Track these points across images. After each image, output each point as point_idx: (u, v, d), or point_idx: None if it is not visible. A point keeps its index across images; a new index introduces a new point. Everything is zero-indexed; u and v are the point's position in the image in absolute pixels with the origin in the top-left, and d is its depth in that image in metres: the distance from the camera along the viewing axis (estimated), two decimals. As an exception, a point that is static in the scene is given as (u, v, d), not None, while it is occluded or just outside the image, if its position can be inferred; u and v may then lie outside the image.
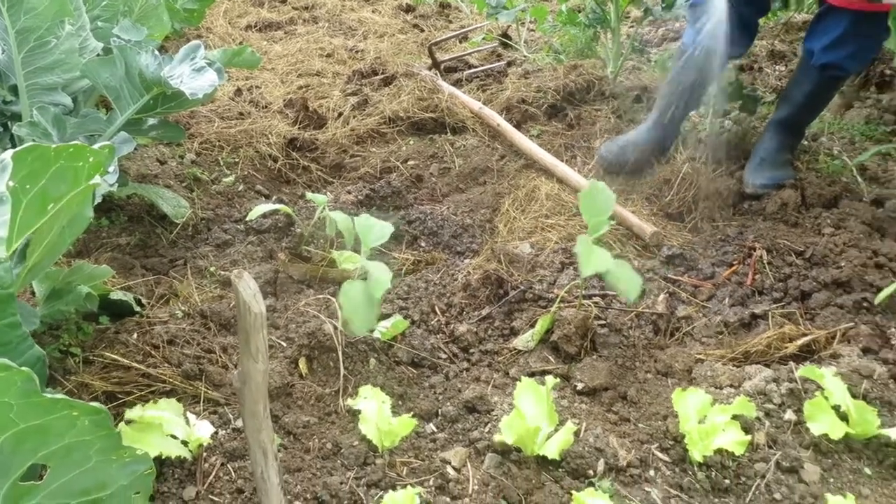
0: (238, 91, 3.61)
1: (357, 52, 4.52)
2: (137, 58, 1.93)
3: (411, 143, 3.22)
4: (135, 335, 1.72)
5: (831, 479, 1.40)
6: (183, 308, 1.89)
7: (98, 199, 1.72)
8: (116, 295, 1.82)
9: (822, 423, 1.42)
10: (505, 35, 4.73)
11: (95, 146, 1.14)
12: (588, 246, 1.69)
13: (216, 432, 1.47)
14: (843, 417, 1.45)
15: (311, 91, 3.70)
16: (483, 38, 4.67)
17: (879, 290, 1.86)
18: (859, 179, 2.60)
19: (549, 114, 3.40)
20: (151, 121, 2.18)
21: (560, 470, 1.42)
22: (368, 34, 5.02)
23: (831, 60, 2.35)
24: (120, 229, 2.28)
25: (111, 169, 1.73)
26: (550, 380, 1.51)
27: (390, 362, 1.76)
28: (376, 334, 1.78)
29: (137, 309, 1.84)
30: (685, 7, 3.24)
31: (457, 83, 3.88)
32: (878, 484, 1.40)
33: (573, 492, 1.32)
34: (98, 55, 2.09)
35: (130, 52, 1.92)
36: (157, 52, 1.96)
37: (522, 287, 1.98)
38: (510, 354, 1.81)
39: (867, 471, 1.42)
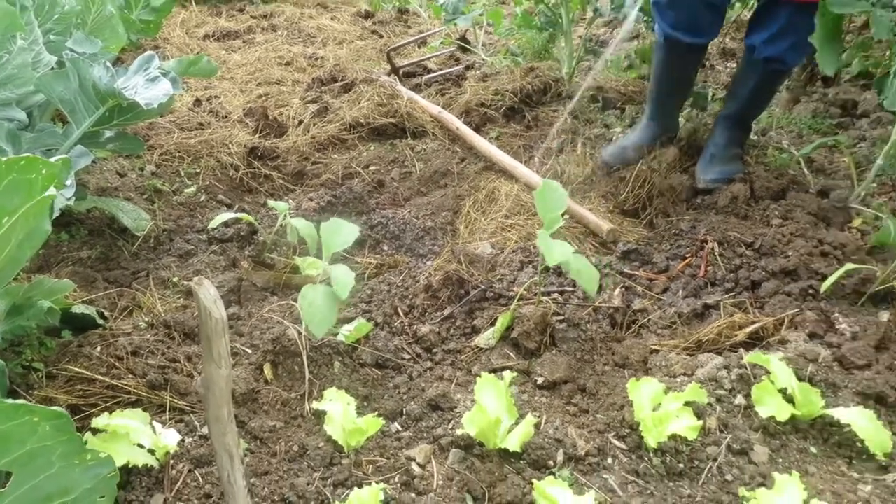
0: (197, 101, 3.60)
1: (316, 59, 4.54)
2: (91, 70, 1.93)
3: (372, 148, 3.26)
4: (98, 348, 1.73)
5: (779, 459, 1.46)
6: (146, 319, 1.90)
7: (56, 213, 1.72)
8: (78, 308, 1.82)
9: (770, 406, 1.48)
10: (463, 39, 4.78)
11: (51, 160, 1.15)
12: (549, 240, 1.74)
13: (182, 440, 1.49)
14: (790, 400, 1.52)
15: (270, 99, 3.71)
16: (441, 43, 4.72)
17: (825, 277, 1.94)
18: (806, 171, 2.69)
19: (507, 116, 3.46)
20: (108, 133, 2.18)
21: (521, 462, 1.46)
22: (327, 41, 5.04)
23: (773, 54, 2.43)
24: (80, 243, 2.27)
25: (69, 182, 1.74)
26: (508, 374, 1.55)
27: (355, 365, 1.78)
28: (340, 337, 1.81)
29: (100, 322, 1.85)
30: (631, 7, 3.34)
31: (416, 88, 3.92)
32: (823, 462, 1.46)
33: (534, 481, 1.36)
34: (52, 69, 2.08)
35: (83, 65, 1.93)
36: (109, 65, 1.96)
37: (483, 286, 2.02)
38: (472, 353, 1.85)
39: (813, 450, 1.49)
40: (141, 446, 1.40)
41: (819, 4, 2.12)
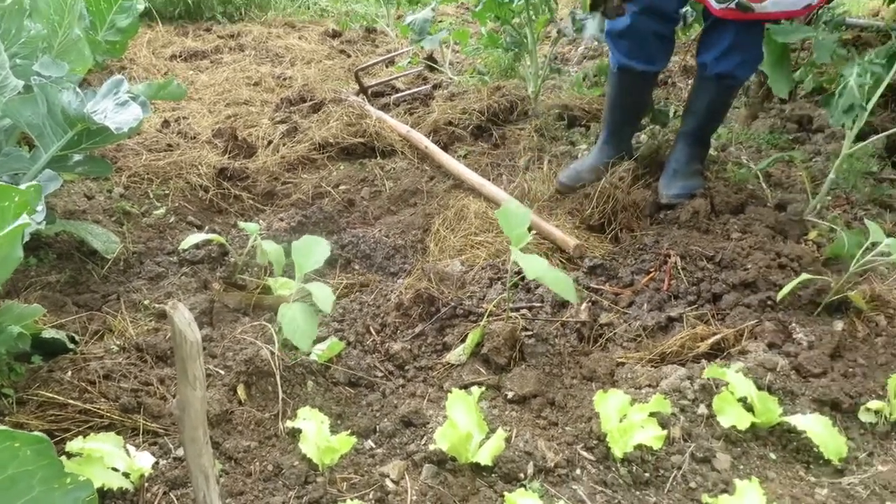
0: (165, 122, 3.60)
1: (285, 79, 4.57)
2: (60, 95, 1.94)
3: (342, 168, 3.29)
4: (69, 372, 1.73)
5: (741, 466, 1.51)
6: (118, 343, 1.90)
7: (26, 238, 1.73)
8: (48, 333, 1.82)
9: (730, 416, 1.54)
10: (430, 58, 4.85)
11: (21, 186, 1.17)
12: (523, 255, 1.80)
13: (157, 462, 1.50)
14: (750, 408, 1.57)
15: (239, 120, 3.73)
16: (409, 62, 4.77)
17: (782, 288, 2.01)
18: (764, 186, 2.78)
19: (475, 134, 3.52)
20: (77, 157, 2.18)
21: (493, 475, 1.49)
22: (295, 61, 5.07)
23: (723, 70, 2.54)
24: (49, 267, 2.26)
25: (39, 207, 1.74)
26: (477, 389, 1.59)
27: (328, 383, 1.81)
28: (313, 357, 1.83)
29: (71, 346, 1.84)
30: (594, 29, 3.45)
31: (385, 107, 3.97)
32: (782, 467, 1.52)
33: (506, 494, 1.40)
34: (19, 93, 2.08)
35: (52, 90, 1.94)
36: (78, 89, 1.97)
37: (453, 303, 2.06)
38: (443, 369, 1.88)
39: (772, 456, 1.54)
40: (115, 470, 1.40)
41: (765, 33, 2.22)
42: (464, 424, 1.49)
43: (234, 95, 4.15)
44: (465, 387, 1.78)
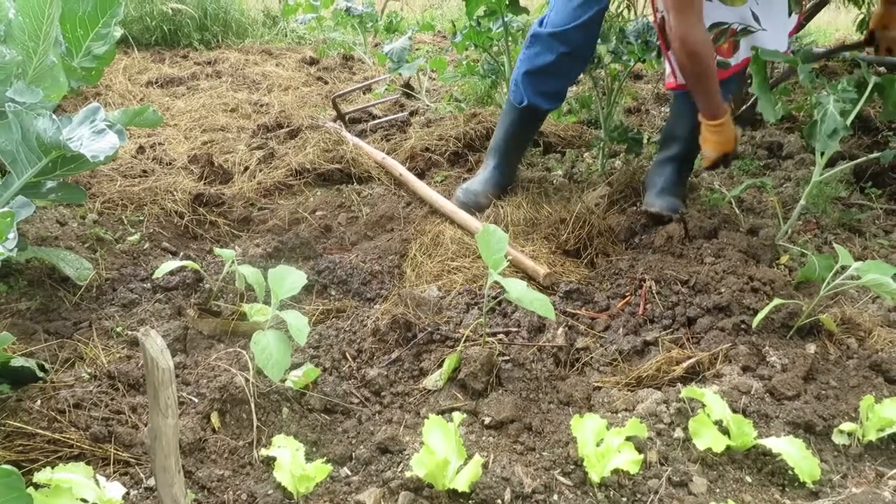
0: (140, 148, 3.59)
1: (261, 105, 4.58)
2: (35, 122, 1.93)
3: (318, 193, 3.29)
4: (38, 401, 1.69)
5: (717, 490, 1.52)
6: (89, 370, 1.87)
7: (-4, 265, 1.70)
8: (17, 361, 1.78)
9: (706, 438, 1.54)
10: (407, 86, 4.89)
11: (-6, 213, 1.16)
12: (503, 278, 1.82)
13: (128, 493, 1.47)
14: (725, 431, 1.58)
15: (215, 146, 3.72)
16: (386, 90, 4.81)
17: (756, 312, 2.03)
18: (737, 211, 2.82)
19: (451, 160, 3.55)
20: (50, 183, 2.17)
21: (470, 502, 1.48)
22: (272, 88, 5.09)
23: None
24: (20, 294, 2.23)
25: (10, 234, 1.72)
26: (457, 415, 1.58)
27: (303, 410, 1.79)
28: (288, 383, 1.81)
29: (40, 375, 1.81)
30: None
31: (361, 134, 3.99)
32: (758, 490, 1.53)
33: (483, 521, 1.39)
34: (-8, 119, 2.07)
35: (27, 117, 1.92)
36: (54, 117, 1.96)
37: (430, 329, 2.06)
38: (420, 395, 1.87)
39: (748, 479, 1.55)
40: (84, 501, 1.37)
41: (752, 55, 2.29)
42: (441, 451, 1.48)
43: (211, 121, 4.14)
44: (443, 412, 1.77)
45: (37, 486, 1.35)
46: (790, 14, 2.53)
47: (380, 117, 4.33)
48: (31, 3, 2.22)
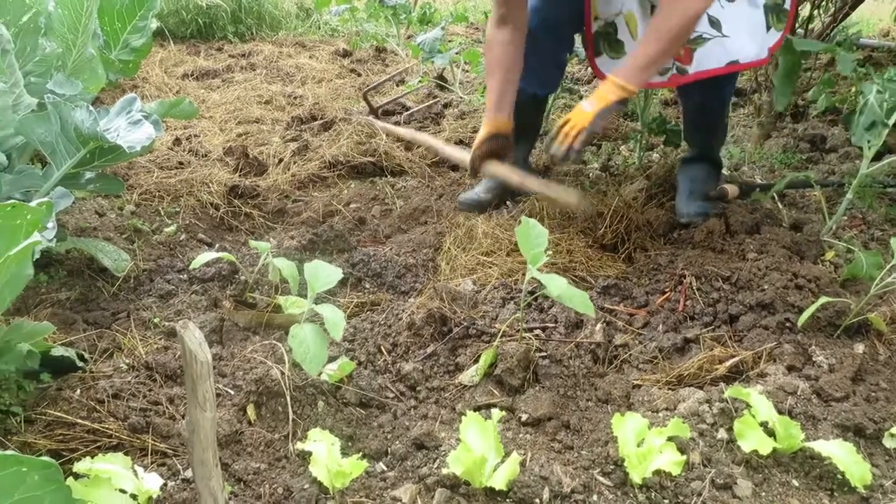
0: (177, 140, 3.61)
1: (295, 98, 4.58)
2: (73, 113, 1.94)
3: (352, 186, 3.28)
4: (78, 391, 1.71)
5: (763, 493, 1.47)
6: (127, 361, 1.88)
7: (36, 255, 1.72)
8: (58, 351, 1.80)
9: (751, 440, 1.50)
10: (440, 77, 4.86)
11: (33, 203, 1.16)
12: (543, 274, 1.80)
13: (165, 484, 1.47)
14: (771, 433, 1.54)
15: (250, 138, 3.73)
16: (419, 81, 4.78)
17: (800, 310, 1.97)
18: (779, 206, 2.75)
19: (486, 153, 3.50)
20: (89, 174, 2.18)
21: (508, 500, 1.46)
22: (306, 80, 5.09)
23: (697, 100, 2.70)
24: (59, 284, 2.25)
25: (49, 225, 1.73)
26: (496, 412, 1.55)
27: (338, 404, 1.78)
28: (324, 377, 1.80)
29: (80, 364, 1.82)
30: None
31: (395, 126, 3.96)
32: (805, 495, 1.48)
33: (521, 520, 1.36)
34: (33, 110, 2.09)
35: (66, 108, 1.94)
36: (91, 108, 1.97)
37: (465, 323, 2.03)
38: (456, 390, 1.85)
39: (795, 483, 1.50)
40: (123, 491, 1.37)
41: (783, 43, 2.22)
42: (478, 448, 1.46)
43: (246, 114, 4.16)
44: (479, 408, 1.75)
45: (77, 476, 1.36)
46: (768, 29, 2.46)
47: (412, 108, 4.31)
48: (71, -5, 2.24)
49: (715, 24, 2.38)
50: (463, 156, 2.80)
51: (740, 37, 2.40)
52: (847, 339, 1.95)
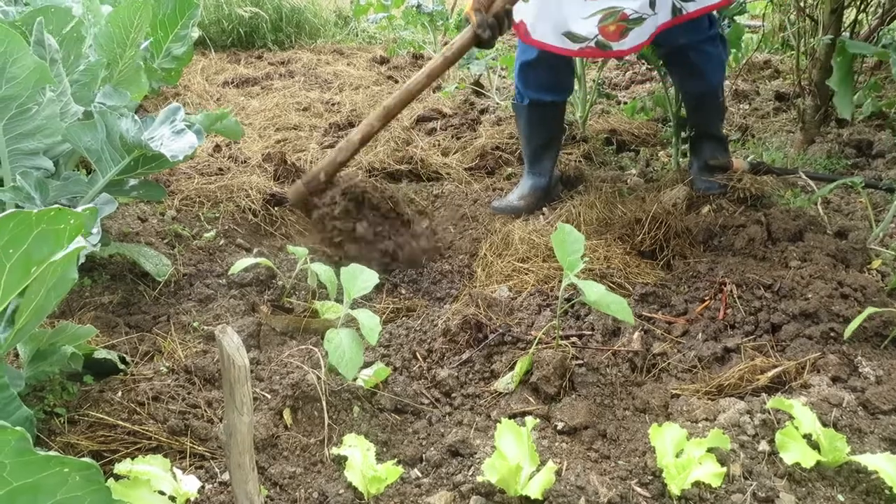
0: (217, 147, 3.67)
1: (333, 104, 4.62)
2: (118, 122, 1.98)
3: (389, 192, 3.29)
4: (119, 393, 1.74)
5: (806, 507, 1.43)
6: (167, 364, 1.91)
7: (81, 260, 1.75)
8: (100, 353, 1.84)
9: (794, 453, 1.46)
10: (477, 83, 4.86)
11: (78, 208, 1.18)
12: (582, 281, 1.79)
13: (203, 486, 1.49)
14: (815, 446, 1.50)
15: (288, 145, 3.77)
16: (456, 87, 4.79)
17: (846, 319, 1.92)
18: (822, 213, 2.69)
19: (521, 159, 3.49)
20: (132, 181, 2.22)
21: (543, 509, 1.44)
22: (344, 87, 5.14)
23: (691, 90, 2.94)
24: (103, 288, 2.30)
25: (94, 230, 1.77)
26: (530, 420, 1.54)
27: (374, 410, 1.78)
28: (359, 382, 1.81)
29: (122, 367, 1.86)
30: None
31: (431, 132, 3.98)
32: (851, 509, 1.44)
33: (556, 530, 1.35)
34: (79, 119, 2.14)
35: (111, 117, 1.98)
36: (136, 117, 2.01)
37: (501, 330, 2.02)
38: (491, 397, 1.84)
39: (840, 497, 1.46)
40: (162, 493, 1.39)
41: (836, 47, 2.18)
42: (513, 456, 1.45)
43: (284, 121, 4.21)
44: (514, 416, 1.74)
45: (117, 477, 1.38)
46: None
47: (449, 115, 4.31)
48: (121, 14, 2.29)
49: (652, 4, 2.51)
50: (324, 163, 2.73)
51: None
52: (895, 349, 1.90)
